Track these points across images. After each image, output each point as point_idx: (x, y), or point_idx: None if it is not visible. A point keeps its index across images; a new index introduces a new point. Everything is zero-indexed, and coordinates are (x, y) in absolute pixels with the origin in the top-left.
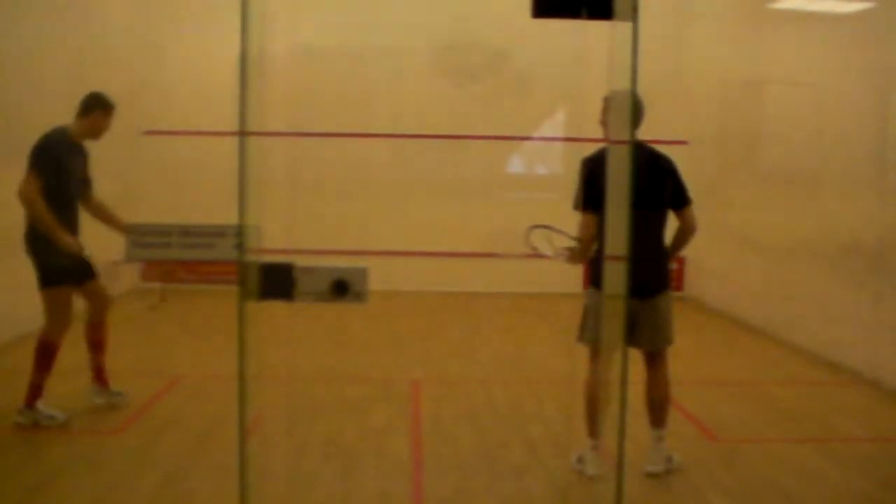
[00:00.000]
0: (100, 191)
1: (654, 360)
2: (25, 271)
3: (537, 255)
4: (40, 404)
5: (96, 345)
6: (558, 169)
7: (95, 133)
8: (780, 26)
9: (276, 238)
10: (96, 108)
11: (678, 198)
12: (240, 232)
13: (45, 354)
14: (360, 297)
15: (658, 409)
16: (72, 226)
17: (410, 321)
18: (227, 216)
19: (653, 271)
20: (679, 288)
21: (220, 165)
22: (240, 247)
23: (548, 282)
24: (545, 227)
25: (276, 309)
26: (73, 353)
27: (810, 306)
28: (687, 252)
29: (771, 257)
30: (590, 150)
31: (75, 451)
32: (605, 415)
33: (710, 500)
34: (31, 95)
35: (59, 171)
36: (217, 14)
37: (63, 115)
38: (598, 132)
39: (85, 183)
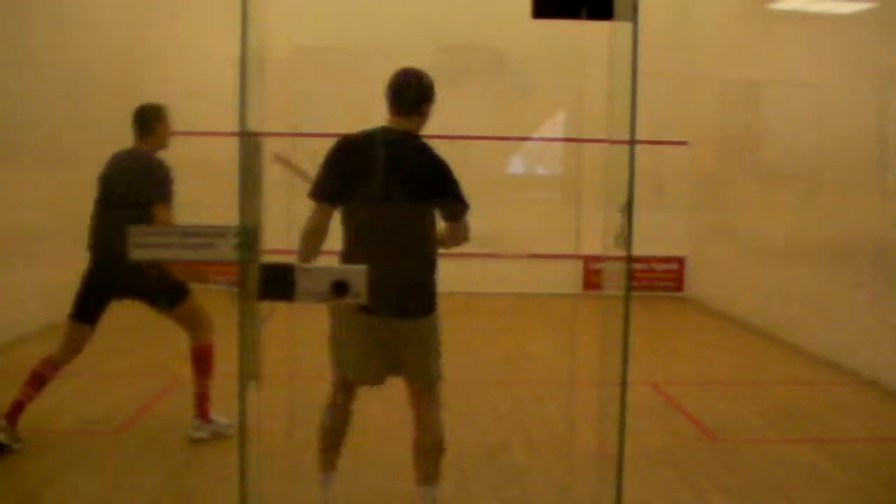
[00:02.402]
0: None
1: (421, 398)
2: (26, 272)
3: None
4: (213, 413)
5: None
6: (558, 169)
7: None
8: (780, 26)
9: (276, 238)
10: (162, 115)
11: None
12: (240, 232)
13: (208, 359)
14: (360, 297)
15: (428, 460)
16: None
17: None
18: (227, 216)
19: (415, 286)
20: (679, 288)
21: (221, 165)
22: (240, 247)
23: (548, 282)
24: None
25: (276, 309)
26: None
27: (810, 306)
28: (687, 252)
29: (771, 257)
30: (590, 150)
31: (75, 451)
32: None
33: (710, 500)
34: (31, 96)
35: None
36: (217, 14)
37: (63, 114)
38: (598, 132)
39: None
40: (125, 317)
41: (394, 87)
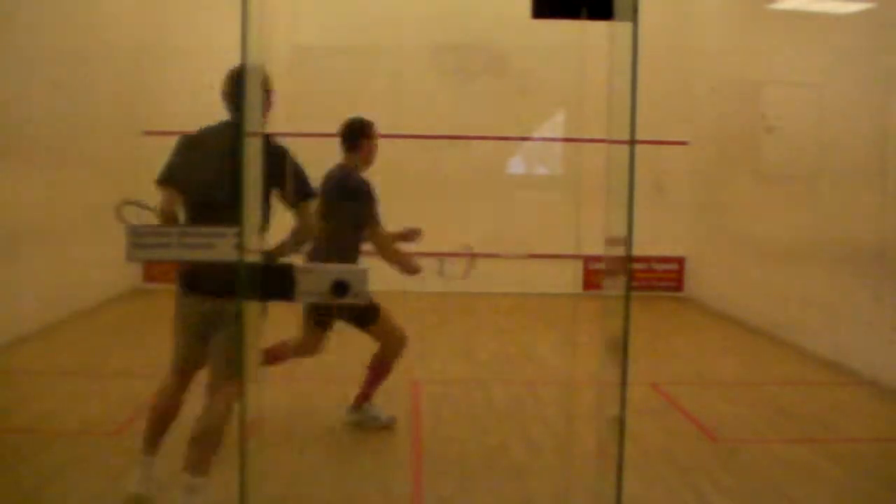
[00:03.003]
0: (101, 191)
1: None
2: (25, 272)
3: None
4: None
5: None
6: (558, 169)
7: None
8: (780, 26)
9: (276, 238)
10: (370, 131)
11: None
12: (240, 232)
13: (386, 371)
14: (360, 297)
15: (193, 446)
16: None
17: (410, 321)
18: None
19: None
20: (679, 288)
21: None
22: (240, 247)
23: (548, 282)
24: (136, 203)
25: (276, 309)
26: (70, 355)
27: (810, 306)
28: (687, 252)
29: (771, 257)
30: (589, 150)
31: (75, 451)
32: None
33: (710, 501)
34: (31, 96)
35: None
36: (217, 14)
37: (64, 115)
38: (598, 132)
39: None
40: (125, 316)
41: (230, 87)
